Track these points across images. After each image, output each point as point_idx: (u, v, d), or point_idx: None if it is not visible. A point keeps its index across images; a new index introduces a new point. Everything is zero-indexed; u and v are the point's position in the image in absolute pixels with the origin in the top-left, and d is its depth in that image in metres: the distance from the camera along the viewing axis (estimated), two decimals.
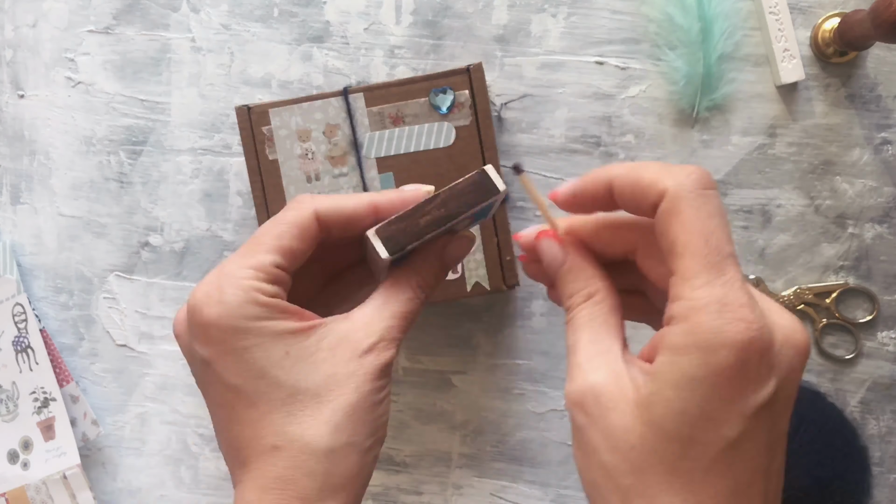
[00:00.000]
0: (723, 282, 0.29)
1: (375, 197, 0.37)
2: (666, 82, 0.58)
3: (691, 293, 0.29)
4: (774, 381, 0.29)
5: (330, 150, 0.55)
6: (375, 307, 0.36)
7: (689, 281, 0.30)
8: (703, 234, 0.30)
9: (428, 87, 0.54)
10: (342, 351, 0.35)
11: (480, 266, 0.55)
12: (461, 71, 0.54)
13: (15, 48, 0.63)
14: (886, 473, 0.59)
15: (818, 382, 0.59)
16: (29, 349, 0.62)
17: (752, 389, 0.29)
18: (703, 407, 0.29)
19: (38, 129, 0.63)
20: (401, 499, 0.62)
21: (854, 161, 0.58)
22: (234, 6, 0.61)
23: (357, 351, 0.35)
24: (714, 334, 0.29)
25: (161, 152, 0.62)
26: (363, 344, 0.35)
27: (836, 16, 0.57)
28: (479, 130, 0.54)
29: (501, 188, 0.36)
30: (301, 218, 0.36)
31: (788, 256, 0.59)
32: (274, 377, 0.34)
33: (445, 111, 0.54)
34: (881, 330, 0.59)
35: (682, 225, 0.30)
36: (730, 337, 0.28)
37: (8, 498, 0.62)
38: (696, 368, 0.29)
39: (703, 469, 0.29)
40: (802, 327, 0.31)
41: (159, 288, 0.63)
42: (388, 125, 0.54)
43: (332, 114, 0.55)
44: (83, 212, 0.63)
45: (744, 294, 0.29)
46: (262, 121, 0.55)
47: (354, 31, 0.60)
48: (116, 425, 0.64)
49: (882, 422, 0.59)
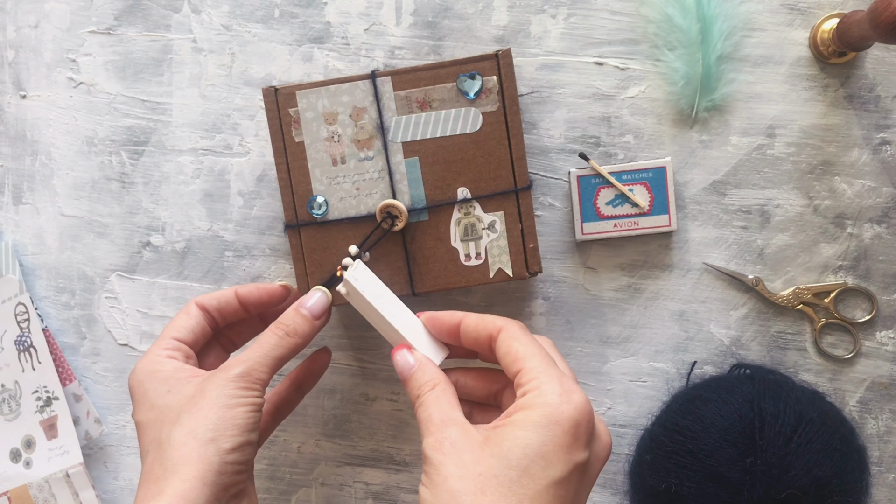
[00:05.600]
0: (558, 373, 0.43)
1: (238, 287, 0.54)
2: (665, 83, 0.59)
3: (539, 377, 0.42)
4: (589, 450, 0.42)
5: (356, 134, 0.55)
6: (248, 349, 0.49)
7: (536, 371, 0.42)
8: (537, 348, 0.44)
9: (456, 71, 0.54)
10: (217, 374, 0.47)
11: (504, 253, 0.55)
12: (490, 56, 0.54)
13: (17, 49, 0.64)
14: (885, 473, 0.59)
15: (817, 382, 0.59)
16: (31, 348, 0.63)
17: (577, 446, 0.41)
18: (541, 448, 0.40)
19: (40, 129, 0.64)
20: (401, 497, 0.62)
21: (853, 161, 0.58)
22: (235, 7, 0.61)
23: (228, 374, 0.47)
24: (560, 400, 0.41)
25: (162, 152, 0.62)
26: (234, 370, 0.47)
27: (834, 16, 0.57)
28: (506, 117, 0.54)
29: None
30: (188, 306, 0.53)
31: (787, 256, 0.59)
32: (161, 405, 0.47)
33: (473, 97, 0.54)
34: (880, 330, 0.59)
35: (521, 344, 0.45)
36: (571, 404, 0.41)
37: (11, 497, 0.63)
38: (542, 419, 0.40)
39: (531, 497, 0.39)
40: (608, 431, 0.45)
41: (161, 288, 0.63)
42: (414, 109, 0.54)
43: (359, 97, 0.54)
44: (85, 212, 0.63)
45: (577, 385, 0.43)
46: (289, 102, 0.55)
47: (355, 31, 0.60)
48: (118, 424, 0.64)
49: (881, 421, 0.59)
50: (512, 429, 0.41)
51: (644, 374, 0.60)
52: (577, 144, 0.59)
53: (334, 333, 0.62)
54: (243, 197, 0.62)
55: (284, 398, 0.56)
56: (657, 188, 0.57)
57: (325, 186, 0.55)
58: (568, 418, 0.41)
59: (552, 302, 0.60)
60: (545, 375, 0.42)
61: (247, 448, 0.46)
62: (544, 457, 0.40)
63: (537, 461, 0.40)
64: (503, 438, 0.41)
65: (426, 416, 0.44)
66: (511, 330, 0.46)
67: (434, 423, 0.43)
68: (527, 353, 0.44)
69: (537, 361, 0.43)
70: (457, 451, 0.41)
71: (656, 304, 0.60)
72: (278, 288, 0.54)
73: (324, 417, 0.62)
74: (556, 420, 0.40)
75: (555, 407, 0.41)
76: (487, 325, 0.47)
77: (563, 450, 0.40)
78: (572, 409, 0.41)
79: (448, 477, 0.40)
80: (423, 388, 0.46)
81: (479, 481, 0.40)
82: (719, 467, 0.51)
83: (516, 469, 0.40)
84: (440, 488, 0.40)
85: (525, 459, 0.40)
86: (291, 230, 0.56)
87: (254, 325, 0.56)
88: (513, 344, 0.45)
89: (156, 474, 0.44)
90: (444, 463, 0.41)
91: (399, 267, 0.55)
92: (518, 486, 0.39)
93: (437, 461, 0.41)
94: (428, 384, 0.46)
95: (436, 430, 0.43)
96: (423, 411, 0.45)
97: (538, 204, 0.60)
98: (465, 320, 0.48)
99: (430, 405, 0.44)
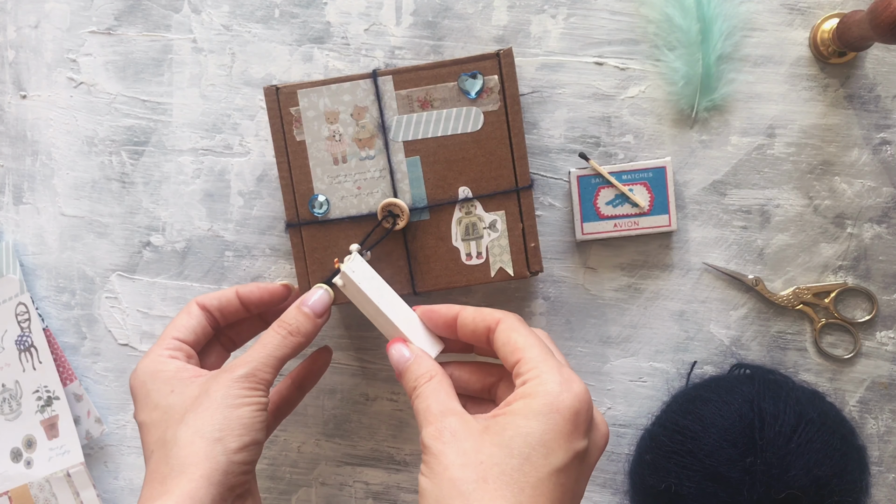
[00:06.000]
0: (557, 363, 0.43)
1: (239, 287, 0.54)
2: (665, 83, 0.59)
3: (538, 367, 0.43)
4: (588, 439, 0.42)
5: (357, 133, 0.55)
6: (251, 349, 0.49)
7: (536, 360, 0.43)
8: (535, 339, 0.45)
9: (457, 71, 0.54)
10: (221, 375, 0.47)
11: (504, 252, 0.55)
12: (491, 56, 0.54)
13: (17, 49, 0.64)
14: (885, 473, 0.59)
15: (817, 382, 0.59)
16: (32, 348, 0.63)
17: (577, 434, 0.41)
18: (542, 436, 0.40)
19: (41, 129, 0.64)
20: (401, 497, 0.62)
21: (853, 161, 0.58)
22: (235, 7, 0.61)
23: (233, 375, 0.47)
24: (560, 389, 0.41)
25: (163, 152, 0.62)
26: (238, 370, 0.47)
27: (834, 16, 0.57)
28: (507, 116, 0.54)
29: None
30: (189, 306, 0.53)
31: (787, 256, 0.59)
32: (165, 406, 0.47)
33: (474, 96, 0.54)
34: (880, 329, 0.59)
35: (520, 335, 0.45)
36: (571, 393, 0.42)
37: (11, 496, 0.63)
38: (543, 407, 0.41)
39: (532, 485, 0.40)
40: (605, 421, 0.45)
41: (161, 287, 0.63)
42: (416, 108, 0.54)
43: (360, 96, 0.54)
44: (85, 212, 0.63)
45: (576, 374, 0.43)
46: (290, 101, 0.55)
47: (355, 31, 0.61)
48: (118, 424, 0.64)
49: (881, 421, 0.59)
50: (513, 417, 0.41)
51: (644, 374, 0.60)
52: (577, 144, 0.59)
53: (335, 333, 0.62)
54: (243, 197, 0.62)
55: (285, 397, 0.56)
56: (657, 188, 0.58)
57: (327, 185, 0.55)
58: (568, 407, 0.41)
59: (552, 302, 0.60)
60: (545, 365, 0.43)
61: (253, 448, 0.46)
62: (545, 445, 0.40)
63: (538, 449, 0.40)
64: (504, 427, 0.41)
65: (424, 407, 0.44)
66: (509, 321, 0.46)
67: (433, 413, 0.43)
68: (526, 343, 0.44)
69: (536, 352, 0.44)
70: (457, 440, 0.41)
71: (656, 304, 0.60)
72: (279, 287, 0.54)
73: (324, 417, 0.63)
74: (557, 408, 0.41)
75: (555, 395, 0.41)
76: (486, 317, 0.47)
77: (563, 438, 0.41)
78: (572, 398, 0.41)
79: (449, 466, 0.40)
80: (419, 379, 0.46)
81: (481, 469, 0.40)
82: (719, 467, 0.51)
83: (518, 457, 0.40)
84: (441, 477, 0.40)
85: (526, 447, 0.40)
86: (293, 229, 0.56)
87: (254, 324, 0.56)
88: (511, 335, 0.45)
89: (162, 473, 0.44)
90: (444, 452, 0.41)
91: (400, 266, 0.55)
92: (519, 474, 0.40)
93: (438, 450, 0.41)
94: (425, 376, 0.46)
95: (435, 419, 0.43)
96: (422, 402, 0.45)
97: (538, 204, 0.60)
98: (463, 313, 0.48)
99: (428, 396, 0.45)
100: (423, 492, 0.41)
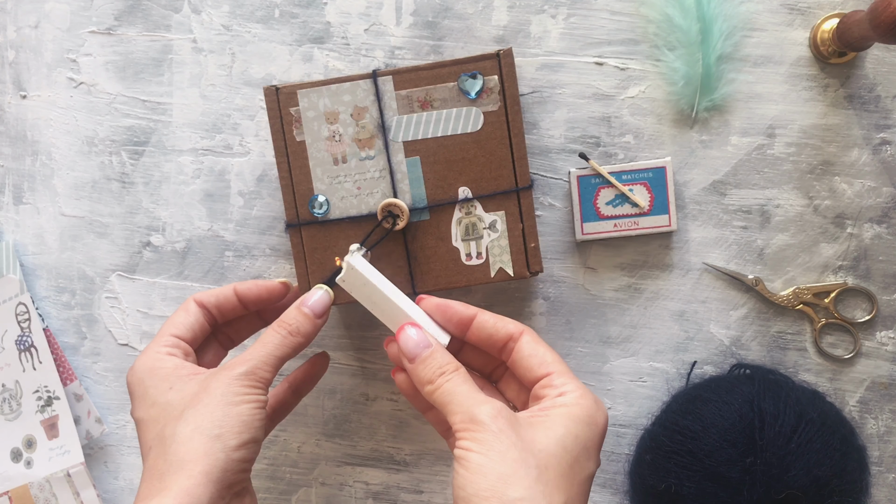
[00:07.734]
0: (580, 383, 0.46)
1: (237, 284, 0.54)
2: (665, 83, 0.59)
3: (571, 382, 0.45)
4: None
5: (357, 133, 0.55)
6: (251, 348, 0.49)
7: (568, 376, 0.46)
8: (556, 354, 0.47)
9: (457, 71, 0.54)
10: (221, 372, 0.47)
11: (504, 252, 0.55)
12: (491, 56, 0.54)
13: (17, 49, 0.64)
14: (885, 473, 0.59)
15: (817, 382, 0.59)
16: (32, 348, 0.63)
17: (599, 451, 0.45)
18: (587, 442, 0.43)
19: (41, 129, 0.64)
20: (401, 497, 0.62)
21: (853, 161, 0.58)
22: (235, 7, 0.61)
23: (233, 372, 0.47)
24: (596, 407, 0.45)
25: (163, 152, 0.63)
26: (238, 368, 0.47)
27: (834, 16, 0.57)
28: (507, 116, 0.54)
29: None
30: (187, 303, 0.53)
31: (787, 256, 0.59)
32: (163, 402, 0.47)
33: (474, 96, 0.54)
34: (880, 330, 0.59)
35: (545, 349, 0.47)
36: (603, 412, 0.45)
37: (12, 496, 0.63)
38: (586, 418, 0.44)
39: (579, 483, 0.42)
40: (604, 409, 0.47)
41: (161, 287, 0.63)
42: (416, 109, 0.54)
43: (360, 96, 0.54)
44: (85, 212, 0.63)
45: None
46: (290, 101, 0.55)
47: (355, 31, 0.61)
48: (118, 424, 0.64)
49: (881, 421, 0.59)
50: (561, 419, 0.43)
51: (644, 374, 0.60)
52: (577, 144, 0.59)
53: (334, 333, 0.62)
54: (243, 197, 0.62)
55: (281, 401, 0.56)
56: (657, 188, 0.58)
57: (327, 186, 0.55)
58: (601, 423, 0.45)
59: (552, 302, 0.60)
60: (576, 383, 0.46)
61: (251, 446, 0.46)
62: (588, 451, 0.43)
63: (584, 453, 0.43)
64: (554, 425, 0.43)
65: (449, 401, 0.44)
66: (534, 334, 0.48)
67: (463, 403, 0.44)
68: (554, 358, 0.47)
69: (565, 368, 0.47)
70: (515, 424, 0.42)
71: (656, 304, 0.60)
72: (277, 285, 0.54)
73: (324, 417, 0.63)
74: (595, 422, 0.44)
75: (593, 411, 0.44)
76: (508, 326, 0.48)
77: (597, 449, 0.44)
78: (603, 417, 0.45)
79: (511, 446, 0.41)
80: (446, 367, 0.46)
81: (542, 458, 0.41)
82: (719, 467, 0.51)
83: (570, 455, 0.42)
84: (502, 455, 0.41)
85: (577, 449, 0.43)
86: (292, 229, 0.56)
87: (252, 322, 0.56)
88: (538, 348, 0.47)
89: (160, 470, 0.44)
90: (504, 430, 0.42)
91: (400, 266, 0.55)
92: (571, 472, 0.42)
93: (498, 427, 0.42)
94: (451, 364, 0.46)
95: (469, 406, 0.43)
96: (447, 394, 0.45)
97: (538, 204, 0.60)
98: (482, 316, 0.49)
99: (456, 385, 0.45)
100: (477, 466, 0.41)
